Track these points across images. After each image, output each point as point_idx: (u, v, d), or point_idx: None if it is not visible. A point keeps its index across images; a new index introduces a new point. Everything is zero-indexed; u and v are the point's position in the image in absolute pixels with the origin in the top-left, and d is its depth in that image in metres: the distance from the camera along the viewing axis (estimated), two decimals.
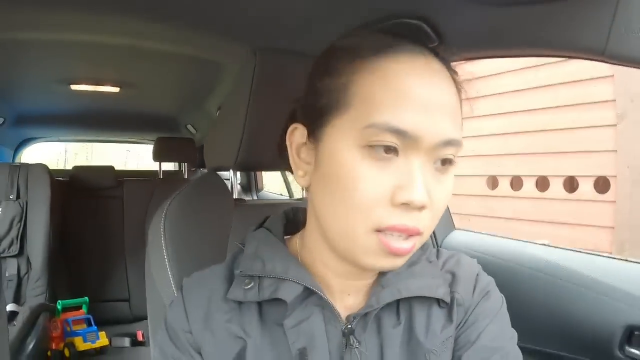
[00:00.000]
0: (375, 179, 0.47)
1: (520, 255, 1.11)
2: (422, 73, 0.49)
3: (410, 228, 0.48)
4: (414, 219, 0.48)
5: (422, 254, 0.61)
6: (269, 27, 1.09)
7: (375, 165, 0.48)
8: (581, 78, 3.13)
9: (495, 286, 0.62)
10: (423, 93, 0.48)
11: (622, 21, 0.58)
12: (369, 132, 0.47)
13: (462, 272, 0.61)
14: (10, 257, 2.18)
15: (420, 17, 0.85)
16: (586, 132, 3.15)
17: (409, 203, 0.47)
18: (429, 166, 0.49)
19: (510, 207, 3.67)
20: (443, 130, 0.48)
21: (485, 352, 0.55)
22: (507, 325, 0.60)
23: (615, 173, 3.02)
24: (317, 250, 0.58)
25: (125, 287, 2.60)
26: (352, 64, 0.51)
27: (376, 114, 0.47)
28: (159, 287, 0.82)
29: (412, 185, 0.47)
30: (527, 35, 0.74)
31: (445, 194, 0.51)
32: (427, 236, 0.53)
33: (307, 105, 0.56)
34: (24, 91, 2.19)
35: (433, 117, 0.48)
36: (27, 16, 1.14)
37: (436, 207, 0.50)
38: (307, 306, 0.55)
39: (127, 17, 1.14)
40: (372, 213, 0.48)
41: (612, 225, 3.04)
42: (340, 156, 0.49)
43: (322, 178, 0.52)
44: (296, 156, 0.57)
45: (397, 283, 0.56)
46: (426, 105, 0.48)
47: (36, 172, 2.30)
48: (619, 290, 0.91)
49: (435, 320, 0.57)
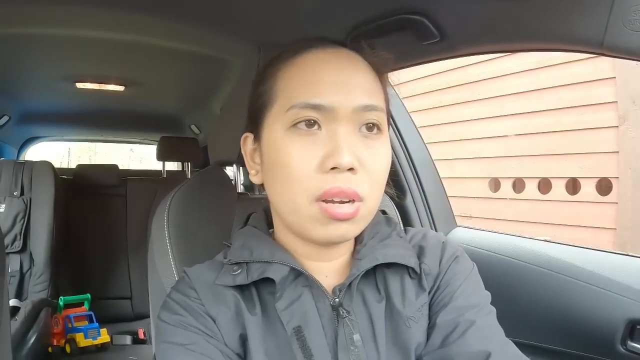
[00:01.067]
0: (304, 152, 0.54)
1: (522, 251, 1.12)
2: (332, 60, 0.58)
3: (345, 189, 0.53)
4: (347, 181, 0.53)
5: (392, 230, 0.66)
6: (273, 24, 1.10)
7: (302, 141, 0.55)
8: (583, 80, 3.14)
9: (465, 253, 0.66)
10: (332, 75, 0.56)
11: (619, 14, 0.59)
12: (291, 114, 0.55)
13: (428, 244, 0.65)
14: (13, 253, 2.18)
15: (422, 13, 0.87)
16: (588, 134, 3.16)
17: (337, 166, 0.52)
18: (353, 133, 0.56)
19: (512, 209, 3.67)
20: (356, 98, 0.55)
21: (458, 310, 0.59)
22: (480, 286, 0.64)
23: (617, 175, 3.02)
24: (285, 238, 0.63)
25: (128, 285, 2.60)
26: (274, 68, 0.60)
27: (295, 97, 0.55)
28: (162, 277, 0.83)
29: (336, 149, 0.53)
30: (525, 29, 0.75)
31: (379, 158, 0.57)
32: (373, 204, 0.57)
33: (249, 113, 0.64)
34: (30, 89, 2.20)
35: (344, 91, 0.55)
36: (34, 10, 1.15)
37: (372, 172, 0.56)
38: (296, 287, 0.59)
39: (133, 12, 1.15)
40: (308, 183, 0.54)
41: (614, 227, 3.04)
42: (274, 142, 0.57)
43: (267, 168, 0.60)
44: (250, 161, 0.64)
45: (373, 253, 0.61)
46: (337, 83, 0.56)
47: (40, 169, 2.31)
48: (621, 284, 0.92)
49: (408, 289, 0.61)
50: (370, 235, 0.64)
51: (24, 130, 2.93)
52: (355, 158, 0.54)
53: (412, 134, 1.37)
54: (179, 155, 2.85)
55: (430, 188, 1.37)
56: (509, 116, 3.64)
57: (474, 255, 1.19)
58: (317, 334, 0.57)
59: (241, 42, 1.24)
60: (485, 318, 0.59)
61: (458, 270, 0.63)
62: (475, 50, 0.91)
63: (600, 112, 3.07)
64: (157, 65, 1.82)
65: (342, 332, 0.57)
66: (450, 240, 0.68)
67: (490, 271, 1.13)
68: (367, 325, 0.58)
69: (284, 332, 0.57)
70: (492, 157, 3.80)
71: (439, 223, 1.36)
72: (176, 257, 0.82)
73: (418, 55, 0.99)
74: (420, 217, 1.35)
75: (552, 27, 0.71)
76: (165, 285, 0.82)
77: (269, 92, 0.59)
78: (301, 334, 0.56)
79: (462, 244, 1.25)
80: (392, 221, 0.67)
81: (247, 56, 0.90)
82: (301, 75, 0.57)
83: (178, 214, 0.85)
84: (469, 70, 3.83)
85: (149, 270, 0.89)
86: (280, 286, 0.58)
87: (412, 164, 1.36)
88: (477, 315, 0.59)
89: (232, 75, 1.77)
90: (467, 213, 3.83)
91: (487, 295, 0.63)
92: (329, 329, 0.57)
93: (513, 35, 0.80)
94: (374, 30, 0.95)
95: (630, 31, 0.59)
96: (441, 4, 0.83)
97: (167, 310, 0.59)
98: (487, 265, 1.15)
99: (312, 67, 0.57)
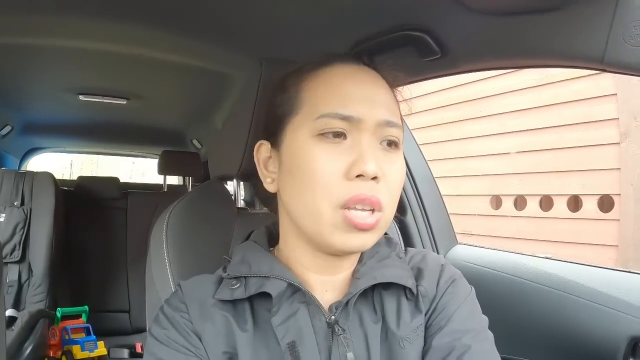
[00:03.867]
0: (330, 158, 0.56)
1: (523, 269, 1.11)
2: (356, 75, 0.61)
3: (370, 197, 0.55)
4: (371, 189, 0.55)
5: (391, 251, 0.66)
6: (275, 38, 1.11)
7: (328, 148, 0.56)
8: (584, 97, 3.15)
9: (462, 277, 0.66)
10: (359, 89, 0.59)
11: (619, 29, 0.60)
12: (320, 122, 0.57)
13: (427, 266, 0.66)
14: (12, 262, 2.18)
15: (423, 29, 0.87)
16: (589, 150, 3.16)
17: (363, 173, 0.54)
18: (375, 145, 0.58)
19: (513, 226, 3.65)
20: (381, 113, 0.58)
21: (454, 334, 0.59)
22: (477, 311, 0.64)
23: (619, 191, 3.01)
24: (293, 250, 0.64)
25: (126, 298, 2.59)
26: (298, 79, 0.63)
27: (323, 107, 0.57)
28: (159, 290, 0.82)
29: (362, 158, 0.55)
30: (526, 45, 0.76)
31: (397, 171, 0.59)
32: (389, 215, 0.59)
33: (268, 119, 0.66)
34: (33, 99, 2.22)
35: (370, 105, 0.58)
36: (38, 21, 1.16)
37: (391, 183, 0.58)
38: (292, 303, 0.59)
39: (137, 26, 1.16)
40: (333, 189, 0.55)
41: (616, 244, 3.02)
42: (298, 146, 0.58)
43: (286, 174, 0.60)
44: (264, 169, 0.65)
45: (371, 272, 0.61)
46: (363, 97, 0.58)
47: (42, 180, 2.31)
48: (623, 301, 0.91)
49: (404, 310, 0.61)
50: (371, 254, 0.64)
51: (26, 140, 2.94)
52: (379, 168, 0.55)
53: (413, 150, 1.37)
54: (181, 170, 2.86)
55: (431, 205, 1.37)
56: (510, 133, 3.65)
57: (474, 272, 1.20)
58: (311, 350, 0.57)
59: (244, 56, 1.25)
60: (481, 344, 0.59)
61: (455, 294, 0.63)
62: (476, 67, 0.91)
63: (602, 129, 3.08)
64: (160, 79, 1.83)
65: (337, 350, 0.57)
66: (449, 263, 0.68)
67: (491, 289, 1.12)
68: (362, 345, 0.58)
69: (277, 347, 0.57)
70: (493, 175, 3.80)
71: (439, 240, 1.36)
72: (174, 270, 0.81)
73: (419, 72, 0.99)
74: (421, 234, 1.35)
75: (552, 43, 0.71)
76: (162, 298, 0.81)
77: (292, 101, 0.61)
78: (295, 350, 0.56)
79: (462, 262, 1.25)
80: (393, 242, 0.68)
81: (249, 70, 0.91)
82: (328, 86, 0.59)
83: (177, 227, 0.85)
84: (471, 88, 3.85)
85: (147, 284, 0.89)
86: (276, 301, 0.58)
87: (413, 181, 1.36)
88: (474, 340, 0.58)
89: (234, 89, 1.78)
90: (468, 230, 3.82)
91: (484, 320, 0.63)
92: (323, 346, 0.57)
93: (514, 52, 0.80)
94: (376, 46, 0.95)
95: (630, 46, 0.59)
96: (443, 21, 0.83)
97: (156, 324, 0.60)
98: (487, 282, 1.14)
99: (339, 80, 0.60)
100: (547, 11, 0.68)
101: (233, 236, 0.89)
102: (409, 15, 0.86)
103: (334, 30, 0.98)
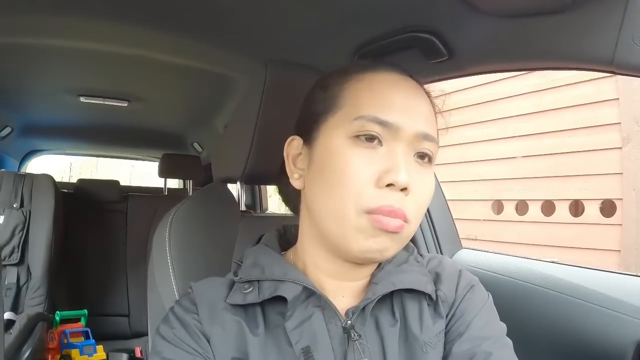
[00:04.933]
0: (363, 163, 0.55)
1: (528, 273, 1.10)
2: (399, 83, 0.60)
3: (397, 209, 0.54)
4: (399, 200, 0.54)
5: (409, 255, 0.66)
6: (280, 41, 1.10)
7: (362, 153, 0.55)
8: (586, 101, 3.15)
9: (480, 283, 0.66)
10: (401, 97, 0.58)
11: (629, 31, 0.59)
12: (357, 124, 0.56)
13: (444, 271, 0.65)
14: (11, 265, 2.16)
15: (431, 31, 0.86)
16: (592, 155, 3.16)
17: (394, 183, 0.53)
18: (409, 156, 0.57)
19: (515, 231, 3.64)
20: (420, 124, 0.57)
21: (474, 341, 0.58)
22: (495, 318, 0.63)
23: (621, 196, 3.01)
24: (310, 253, 0.63)
25: (126, 302, 2.58)
26: (342, 79, 0.62)
27: (363, 109, 0.56)
28: (162, 294, 0.81)
29: (395, 167, 0.54)
30: (535, 47, 0.75)
31: (427, 186, 0.58)
32: (413, 228, 0.58)
33: (303, 116, 0.65)
34: (33, 101, 2.21)
35: (411, 115, 0.57)
36: (39, 21, 1.16)
37: (420, 197, 0.57)
38: (307, 307, 0.58)
39: (138, 27, 1.15)
40: (362, 194, 0.54)
41: (618, 249, 3.01)
42: (332, 146, 0.57)
43: (316, 172, 0.60)
44: (292, 165, 0.64)
45: (389, 278, 0.60)
46: (404, 105, 0.57)
47: (41, 182, 2.30)
48: (629, 305, 0.90)
49: (426, 315, 0.60)
50: (388, 259, 0.63)
51: (26, 142, 2.92)
52: (410, 179, 0.54)
53: None
54: (181, 173, 2.85)
55: (435, 209, 1.36)
56: (512, 138, 3.65)
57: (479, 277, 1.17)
58: (326, 355, 0.56)
59: (248, 58, 1.24)
60: (501, 350, 0.59)
61: (474, 300, 0.63)
62: (483, 69, 0.90)
63: (604, 134, 3.08)
64: (161, 81, 1.82)
65: (352, 355, 0.56)
66: (465, 269, 0.67)
67: (496, 293, 1.10)
68: (378, 350, 0.57)
69: (289, 352, 0.56)
70: (495, 179, 3.79)
71: (444, 244, 1.35)
72: (177, 273, 0.80)
73: (425, 74, 0.98)
74: (426, 239, 1.34)
75: (561, 46, 0.70)
76: (164, 302, 0.80)
77: (333, 100, 0.60)
78: (310, 355, 0.55)
79: (467, 266, 1.24)
80: (410, 246, 0.67)
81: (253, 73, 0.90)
82: (371, 90, 0.59)
83: (180, 229, 0.84)
84: (473, 92, 3.84)
85: (148, 287, 0.88)
86: (291, 305, 0.57)
87: None
88: (494, 347, 0.58)
89: (237, 92, 1.77)
90: (471, 235, 3.81)
91: (502, 328, 0.63)
92: (339, 352, 0.56)
93: (522, 54, 0.79)
94: (382, 47, 0.95)
95: None
96: (450, 23, 0.83)
97: (165, 324, 0.60)
98: (492, 287, 1.12)
99: (382, 85, 0.59)
100: (556, 13, 0.68)
101: (237, 239, 0.88)
102: (415, 17, 0.85)
103: (340, 32, 0.98)
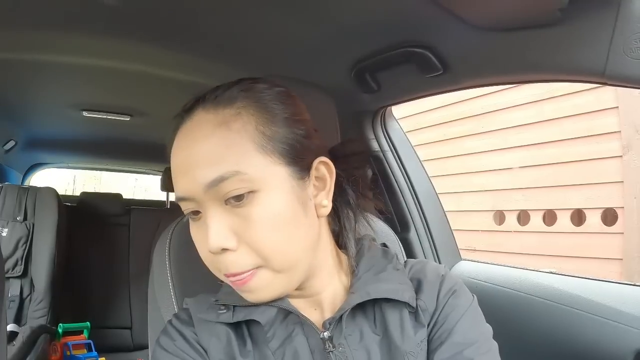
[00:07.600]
0: (198, 239, 0.57)
1: (527, 284, 1.10)
2: (181, 142, 0.56)
3: (236, 272, 0.54)
4: (233, 263, 0.53)
5: (388, 263, 0.64)
6: (277, 56, 1.12)
7: (194, 228, 0.57)
8: (586, 111, 3.15)
9: (464, 286, 0.64)
10: (178, 160, 0.55)
11: (620, 42, 0.60)
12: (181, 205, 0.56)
13: (426, 278, 0.63)
14: (14, 277, 2.17)
15: (425, 46, 0.88)
16: (592, 164, 3.15)
17: (211, 252, 0.53)
18: (220, 210, 0.53)
19: (517, 241, 3.63)
20: (201, 178, 0.52)
21: (457, 347, 0.58)
22: (480, 321, 0.62)
23: (623, 204, 3.00)
24: None
25: (128, 315, 2.58)
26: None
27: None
28: (161, 307, 0.81)
29: (207, 236, 0.53)
30: (527, 60, 0.76)
31: (256, 223, 0.52)
32: (282, 259, 0.54)
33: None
34: (37, 115, 2.23)
35: (188, 175, 0.53)
36: (43, 37, 1.18)
37: (255, 241, 0.53)
38: (287, 325, 0.59)
39: (141, 43, 1.17)
40: (212, 266, 0.57)
41: (620, 257, 3.00)
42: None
43: None
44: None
45: (365, 287, 0.60)
46: (181, 169, 0.55)
47: (45, 195, 2.32)
48: (628, 315, 0.90)
49: (407, 324, 0.60)
50: (366, 268, 0.63)
51: (30, 155, 2.94)
52: (229, 237, 0.52)
53: (416, 166, 1.37)
54: None
55: (434, 221, 1.36)
56: (513, 148, 3.64)
57: (478, 288, 1.18)
58: None
59: (246, 74, 1.24)
60: (484, 356, 0.58)
61: (457, 305, 0.61)
62: (478, 83, 0.92)
63: (604, 142, 3.07)
64: (163, 96, 1.83)
65: None
66: (449, 273, 0.66)
67: (496, 304, 1.11)
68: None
69: None
70: (496, 190, 3.79)
71: (443, 256, 1.35)
72: (176, 287, 0.81)
73: (421, 88, 1.00)
74: (424, 251, 1.34)
75: (553, 58, 0.72)
76: (164, 315, 0.81)
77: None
78: None
79: (467, 278, 1.24)
80: (389, 253, 0.66)
81: None
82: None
83: (180, 244, 0.84)
84: (473, 103, 3.85)
85: (149, 300, 0.88)
86: (269, 327, 0.58)
87: (416, 197, 1.35)
88: (476, 353, 0.57)
89: None
90: (472, 246, 3.80)
91: (486, 331, 0.62)
92: None
93: (515, 67, 0.80)
94: (379, 63, 0.96)
95: (631, 59, 0.60)
96: (444, 37, 0.84)
97: (165, 336, 0.60)
98: (492, 298, 1.13)
99: (172, 155, 0.57)
100: (548, 26, 0.69)
101: None
102: (410, 32, 0.87)
103: (337, 48, 0.99)
